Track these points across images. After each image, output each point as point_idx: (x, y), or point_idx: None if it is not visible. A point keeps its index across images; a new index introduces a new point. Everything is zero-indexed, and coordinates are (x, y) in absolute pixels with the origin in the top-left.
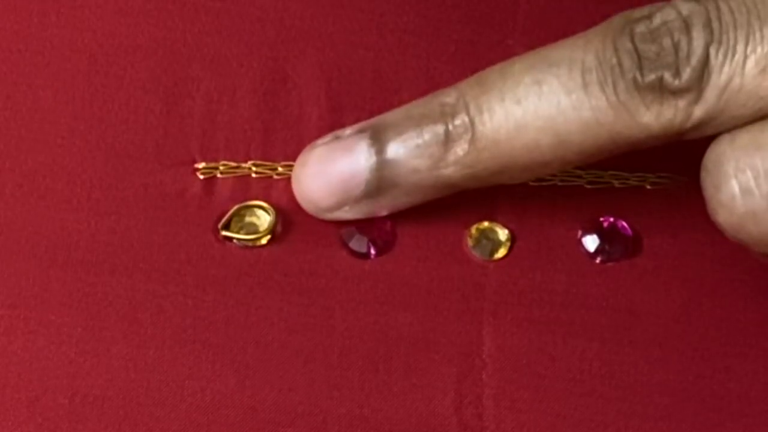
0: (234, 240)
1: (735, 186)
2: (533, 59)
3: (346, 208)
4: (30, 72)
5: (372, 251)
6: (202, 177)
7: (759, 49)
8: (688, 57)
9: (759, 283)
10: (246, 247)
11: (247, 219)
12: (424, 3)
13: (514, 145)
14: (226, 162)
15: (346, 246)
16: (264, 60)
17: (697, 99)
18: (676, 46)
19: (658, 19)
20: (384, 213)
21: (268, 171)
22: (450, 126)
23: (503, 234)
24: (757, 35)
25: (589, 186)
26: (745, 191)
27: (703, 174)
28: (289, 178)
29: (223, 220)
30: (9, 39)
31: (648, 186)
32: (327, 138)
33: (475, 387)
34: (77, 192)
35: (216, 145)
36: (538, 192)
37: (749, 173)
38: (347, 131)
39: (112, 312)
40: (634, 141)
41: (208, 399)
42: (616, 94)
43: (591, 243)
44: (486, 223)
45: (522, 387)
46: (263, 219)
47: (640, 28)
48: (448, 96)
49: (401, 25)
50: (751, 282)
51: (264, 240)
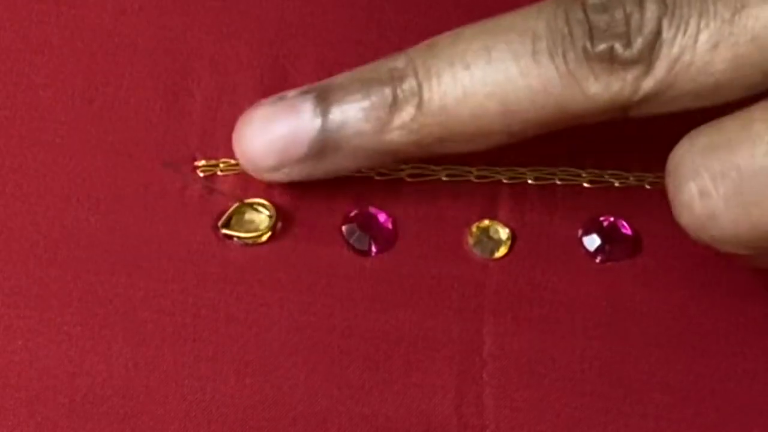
0: (234, 238)
1: (693, 188)
2: (485, 26)
3: (285, 169)
4: (30, 72)
5: (373, 249)
6: (202, 175)
7: (712, 25)
8: (640, 28)
9: (759, 283)
10: (246, 245)
11: (247, 217)
12: (424, 1)
13: (460, 112)
14: (226, 160)
15: (347, 243)
16: (264, 58)
17: (647, 71)
18: (628, 17)
19: None
20: (322, 176)
21: None
22: (398, 90)
23: (504, 233)
24: (711, 10)
25: (589, 185)
26: (703, 193)
27: (666, 177)
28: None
29: (223, 218)
30: (9, 39)
31: (648, 185)
32: (272, 98)
33: (476, 386)
34: (77, 190)
35: (216, 143)
36: (538, 191)
37: (706, 175)
38: (292, 92)
39: (112, 311)
40: (580, 113)
41: (208, 397)
42: (565, 63)
43: (591, 242)
44: (487, 222)
45: (522, 386)
46: (263, 217)
47: None
48: (397, 60)
49: (401, 24)
50: (751, 282)
51: (264, 238)
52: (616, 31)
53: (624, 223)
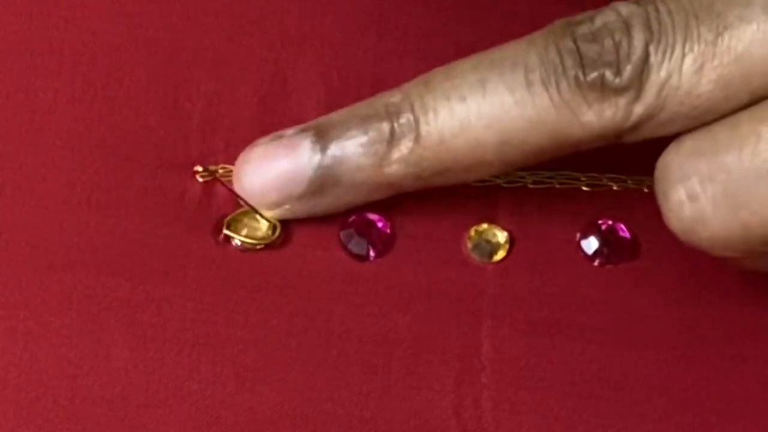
0: (234, 241)
1: (682, 191)
2: (478, 59)
3: (287, 206)
4: (30, 72)
5: (371, 253)
6: (201, 180)
7: (696, 48)
8: (628, 55)
9: (757, 285)
10: (245, 250)
11: (247, 222)
12: (423, 5)
13: (458, 144)
14: (225, 165)
15: (345, 248)
16: (263, 62)
17: (637, 97)
18: (617, 45)
19: (599, 21)
20: (325, 212)
21: None
22: (395, 124)
23: (502, 236)
24: (695, 34)
25: (588, 189)
26: (692, 196)
27: (654, 183)
28: None
29: (227, 219)
30: (9, 39)
31: (646, 189)
32: (269, 137)
33: (474, 389)
34: (77, 194)
35: (215, 148)
36: (537, 194)
37: (694, 179)
38: (290, 131)
39: (111, 314)
40: (575, 140)
41: (207, 401)
42: (558, 92)
43: (589, 246)
44: (485, 226)
45: (521, 389)
46: (262, 222)
47: (581, 29)
48: (392, 96)
49: (400, 27)
50: (749, 284)
51: (263, 243)
52: (606, 60)
53: (622, 227)
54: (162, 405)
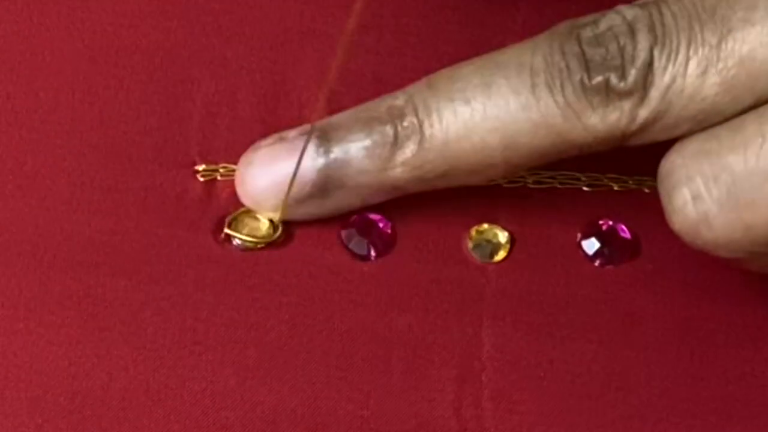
0: (235, 240)
1: (686, 192)
2: (482, 62)
3: (291, 209)
4: (30, 72)
5: (372, 253)
6: (202, 179)
7: (700, 51)
8: (633, 59)
9: (757, 285)
10: (246, 249)
11: (248, 221)
12: (423, 4)
13: (462, 146)
14: (226, 164)
15: (346, 248)
16: (264, 62)
17: (642, 100)
18: (621, 49)
19: (603, 25)
20: (328, 214)
21: None
22: (399, 127)
23: (503, 236)
24: (699, 38)
25: (588, 189)
26: (696, 197)
27: (658, 184)
28: None
29: (228, 218)
30: (9, 39)
31: (646, 189)
32: (271, 139)
33: (475, 389)
34: (77, 193)
35: (216, 148)
36: (537, 195)
37: (699, 179)
38: (292, 133)
39: (111, 313)
40: (580, 143)
41: (208, 400)
42: (563, 95)
43: (590, 246)
44: (486, 225)
45: (521, 389)
46: (263, 221)
47: (586, 33)
48: (396, 99)
49: (401, 27)
50: (750, 284)
51: (264, 242)
52: (611, 64)
53: (623, 227)
54: (162, 405)
